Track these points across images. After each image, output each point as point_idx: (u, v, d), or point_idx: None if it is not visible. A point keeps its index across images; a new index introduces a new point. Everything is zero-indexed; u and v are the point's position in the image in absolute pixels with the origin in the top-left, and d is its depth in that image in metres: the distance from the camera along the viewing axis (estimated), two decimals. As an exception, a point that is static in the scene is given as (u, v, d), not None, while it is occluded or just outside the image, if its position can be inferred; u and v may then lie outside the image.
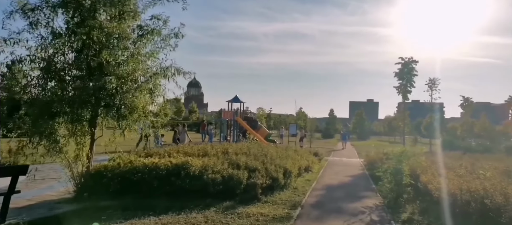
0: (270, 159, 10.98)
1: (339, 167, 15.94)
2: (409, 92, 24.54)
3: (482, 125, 52.44)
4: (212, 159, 9.17)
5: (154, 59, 8.62)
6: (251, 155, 11.24)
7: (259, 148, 13.50)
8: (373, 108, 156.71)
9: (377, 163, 15.01)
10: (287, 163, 11.19)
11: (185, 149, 11.60)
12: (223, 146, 12.94)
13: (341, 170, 14.60)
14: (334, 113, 68.89)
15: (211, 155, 10.64)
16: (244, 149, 12.37)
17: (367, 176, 13.07)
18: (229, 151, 11.71)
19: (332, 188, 10.34)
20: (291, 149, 16.98)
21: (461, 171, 9.06)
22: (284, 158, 12.20)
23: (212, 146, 12.69)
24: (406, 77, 24.49)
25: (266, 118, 66.80)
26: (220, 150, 11.91)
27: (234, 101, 30.11)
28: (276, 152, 13.19)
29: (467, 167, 9.78)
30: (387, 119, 66.37)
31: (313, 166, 14.49)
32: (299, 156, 13.91)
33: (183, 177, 7.59)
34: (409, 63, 24.46)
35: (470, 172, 9.04)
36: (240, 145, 14.14)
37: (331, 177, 12.53)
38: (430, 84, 28.26)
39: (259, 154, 11.63)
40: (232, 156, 9.98)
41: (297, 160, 12.92)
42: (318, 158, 17.50)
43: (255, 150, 12.48)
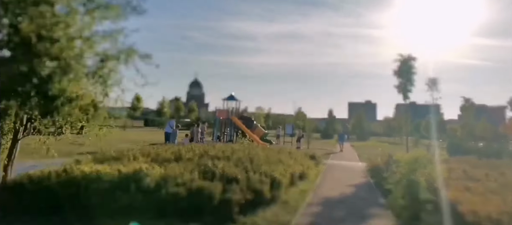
0: (256, 164, 8.95)
1: (339, 172, 13.87)
2: (410, 91, 22.38)
3: (482, 127, 50.29)
4: (181, 166, 7.13)
5: (105, 40, 6.54)
6: (233, 159, 9.22)
7: (246, 150, 11.46)
8: (372, 110, 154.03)
9: (382, 168, 12.98)
10: (277, 169, 9.15)
11: (157, 151, 9.58)
12: (205, 147, 10.91)
13: (341, 177, 12.53)
14: (333, 114, 66.81)
15: (185, 159, 8.62)
16: (228, 152, 10.34)
17: (372, 186, 10.98)
18: (209, 154, 9.71)
19: (331, 203, 8.27)
20: (285, 150, 14.94)
21: (491, 184, 7.01)
22: (275, 163, 10.16)
23: (191, 147, 10.65)
24: (405, 76, 22.36)
25: (265, 117, 64.93)
26: (199, 152, 9.91)
27: (229, 100, 28.09)
28: (266, 155, 11.15)
29: (497, 178, 7.70)
30: (386, 120, 64.18)
31: (309, 171, 12.43)
32: (292, 160, 11.86)
33: (133, 192, 5.55)
34: (408, 61, 22.33)
35: (503, 185, 6.97)
36: (226, 147, 12.10)
37: (330, 186, 10.46)
38: (430, 84, 26.12)
39: (244, 158, 9.61)
40: (208, 161, 7.94)
41: (290, 165, 10.86)
42: (315, 162, 15.44)
43: (240, 153, 10.44)
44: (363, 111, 60.19)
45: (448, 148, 21.31)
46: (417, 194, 6.93)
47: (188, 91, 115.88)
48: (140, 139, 27.88)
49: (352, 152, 26.70)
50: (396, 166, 8.07)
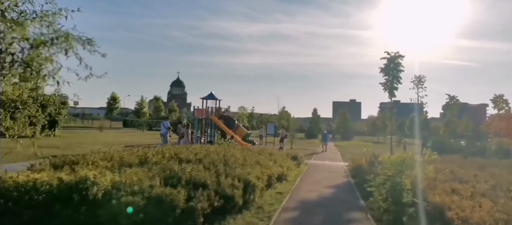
0: (231, 167, 8.32)
1: (320, 173, 13.38)
2: (396, 89, 22.15)
3: (465, 125, 51.13)
4: (143, 171, 6.42)
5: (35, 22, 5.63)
6: (206, 162, 8.56)
7: (223, 152, 10.80)
8: (356, 109, 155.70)
9: (364, 168, 12.57)
10: (253, 172, 8.55)
11: (122, 155, 8.81)
12: (176, 150, 10.18)
13: (322, 178, 12.03)
14: (317, 113, 66.70)
15: (151, 163, 7.90)
16: (201, 154, 9.66)
17: (353, 187, 10.52)
18: (180, 157, 9.01)
19: (309, 206, 7.71)
20: (266, 151, 14.37)
21: (481, 186, 6.58)
22: (252, 165, 9.55)
23: (161, 150, 9.91)
24: (392, 73, 22.11)
25: (248, 117, 64.28)
26: (169, 155, 9.20)
27: (209, 99, 27.28)
28: (244, 157, 10.53)
29: (486, 179, 7.29)
30: (371, 119, 64.54)
31: (290, 173, 11.90)
32: (272, 162, 11.28)
33: (76, 204, 4.81)
34: (395, 58, 22.08)
35: (493, 187, 6.56)
36: (201, 148, 11.40)
37: (309, 188, 9.91)
38: (416, 82, 26.09)
39: (218, 161, 8.96)
40: (175, 165, 7.25)
41: (268, 167, 10.28)
42: (296, 163, 14.93)
43: (215, 155, 9.78)
44: (347, 110, 60.30)
45: (432, 147, 21.16)
46: (400, 197, 6.44)
47: (170, 90, 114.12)
48: (116, 141, 26.80)
49: (335, 151, 26.38)
50: (381, 168, 7.55)
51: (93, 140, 26.77)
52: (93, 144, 23.17)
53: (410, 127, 53.92)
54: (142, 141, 27.92)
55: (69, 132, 39.75)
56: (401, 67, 21.93)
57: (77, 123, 70.40)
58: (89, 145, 22.29)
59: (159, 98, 66.14)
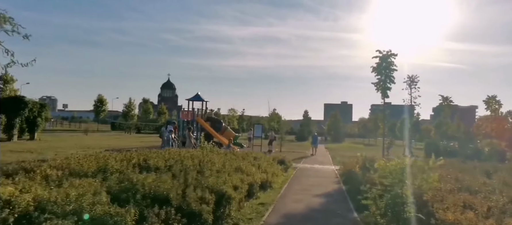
0: (205, 176, 7.14)
1: (309, 179, 12.25)
2: (389, 89, 21.18)
3: (456, 127, 50.60)
4: (86, 185, 5.20)
5: None
6: (176, 170, 7.37)
7: (200, 157, 9.60)
8: (347, 111, 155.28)
9: (356, 173, 11.50)
10: (230, 180, 7.38)
11: (82, 162, 7.55)
12: (146, 155, 8.96)
13: (311, 185, 10.90)
14: (308, 114, 65.76)
15: (110, 171, 6.69)
16: (173, 160, 8.46)
17: (345, 195, 9.41)
18: (147, 163, 7.81)
19: (295, 221, 6.56)
20: (251, 155, 13.21)
21: (497, 199, 5.50)
22: (230, 172, 8.39)
23: (129, 156, 8.67)
24: (384, 72, 21.15)
25: (238, 119, 63.03)
26: (137, 161, 7.99)
27: (195, 100, 26.05)
28: (223, 163, 9.36)
29: (500, 189, 6.21)
30: (361, 121, 63.82)
31: (275, 179, 10.74)
32: (255, 168, 10.11)
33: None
34: (387, 57, 21.13)
35: (508, 197, 5.48)
36: (177, 153, 10.17)
37: (296, 197, 8.76)
38: (409, 82, 25.21)
39: (191, 168, 7.78)
40: (133, 175, 6.03)
41: (251, 173, 9.11)
42: (284, 167, 13.80)
43: (189, 161, 8.58)
44: (338, 112, 59.44)
45: (425, 149, 20.22)
46: (402, 211, 5.34)
47: (160, 93, 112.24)
48: (98, 144, 25.36)
49: (325, 154, 25.31)
50: (378, 176, 6.41)
51: (73, 144, 25.28)
52: (72, 148, 21.73)
53: (401, 129, 53.30)
54: (127, 144, 26.53)
55: (52, 135, 38.08)
56: (394, 66, 21.00)
57: (65, 126, 68.45)
58: (67, 149, 20.87)
59: (148, 101, 64.52)
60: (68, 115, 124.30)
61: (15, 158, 13.59)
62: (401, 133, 51.89)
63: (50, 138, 32.55)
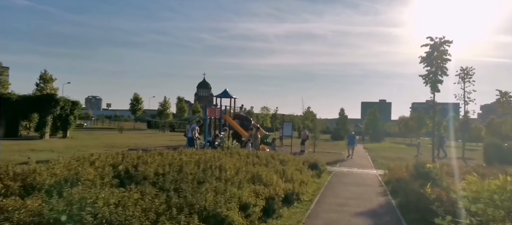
0: (201, 191, 5.20)
1: (347, 188, 9.95)
2: (440, 82, 18.14)
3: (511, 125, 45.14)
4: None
5: None
6: (166, 182, 5.51)
7: (211, 161, 7.70)
8: (386, 109, 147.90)
9: (405, 180, 9.11)
10: (241, 195, 5.41)
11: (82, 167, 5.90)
12: (148, 158, 7.17)
13: (350, 196, 8.63)
14: (344, 113, 62.14)
15: (84, 179, 4.96)
16: (173, 166, 6.62)
17: (397, 214, 7.06)
18: (136, 172, 6.02)
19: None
20: (277, 158, 11.15)
21: None
22: (244, 182, 6.40)
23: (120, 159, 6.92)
24: (435, 63, 18.12)
25: (272, 118, 60.83)
26: (131, 163, 6.26)
27: (222, 97, 24.33)
28: (238, 168, 7.40)
29: None
30: (403, 119, 59.24)
31: (305, 188, 8.58)
32: (277, 175, 8.03)
33: None
34: (440, 45, 18.08)
35: None
36: (180, 155, 8.34)
37: (330, 217, 6.57)
38: (462, 75, 21.85)
39: (189, 178, 5.90)
40: (101, 192, 4.20)
41: (271, 183, 7.06)
42: (316, 172, 11.57)
43: (191, 167, 6.69)
44: (377, 109, 55.47)
45: (485, 152, 17.01)
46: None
47: (196, 92, 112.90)
48: (125, 143, 24.42)
49: (365, 155, 22.58)
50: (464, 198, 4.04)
51: (101, 142, 24.53)
52: (97, 147, 20.86)
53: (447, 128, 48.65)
54: (156, 142, 25.43)
55: (89, 133, 38.26)
56: (448, 55, 17.94)
57: (105, 124, 69.91)
58: (92, 148, 19.96)
59: (183, 99, 64.25)
60: (111, 113, 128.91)
61: (36, 157, 12.45)
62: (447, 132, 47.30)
63: (84, 136, 32.41)
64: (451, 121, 41.58)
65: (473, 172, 9.45)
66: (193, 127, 15.72)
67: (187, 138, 15.64)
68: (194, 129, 15.40)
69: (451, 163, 13.75)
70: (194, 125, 16.47)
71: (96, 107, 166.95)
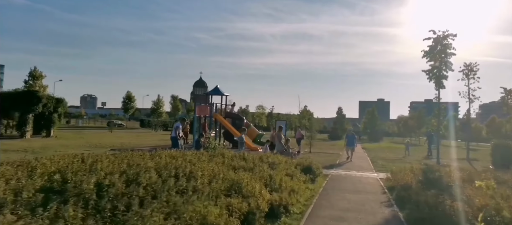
0: (152, 207, 3.89)
1: (345, 195, 8.66)
2: (445, 78, 16.91)
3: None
4: None
5: None
6: (112, 191, 4.19)
7: (182, 166, 6.37)
8: (384, 108, 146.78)
9: (411, 186, 7.89)
10: (208, 212, 4.10)
11: None
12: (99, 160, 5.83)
13: (349, 207, 7.34)
14: (342, 112, 60.81)
15: None
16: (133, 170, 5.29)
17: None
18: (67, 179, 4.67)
19: None
20: (268, 160, 9.86)
21: None
22: (219, 192, 5.12)
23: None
24: (439, 57, 16.89)
25: (267, 116, 59.48)
26: (79, 168, 4.93)
27: (213, 94, 23.00)
28: (214, 175, 6.10)
29: None
30: (402, 119, 58.04)
31: (297, 197, 7.27)
32: (261, 182, 6.73)
33: None
34: (443, 38, 16.85)
35: None
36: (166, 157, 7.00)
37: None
38: (466, 71, 20.56)
39: (134, 191, 4.59)
40: None
41: (251, 194, 5.76)
42: (311, 176, 10.27)
43: (149, 174, 5.37)
44: (375, 108, 54.22)
45: (493, 153, 15.73)
46: None
47: (192, 91, 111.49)
48: (110, 142, 23.06)
49: (363, 156, 21.32)
50: None
51: (85, 142, 23.14)
52: (79, 147, 19.49)
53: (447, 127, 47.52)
54: (143, 142, 24.07)
55: (76, 132, 36.80)
56: (452, 49, 16.71)
57: (97, 123, 68.35)
58: (73, 148, 18.59)
59: (177, 98, 62.83)
60: (106, 112, 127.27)
61: (6, 158, 11.05)
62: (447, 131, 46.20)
63: (70, 135, 30.96)
64: (451, 120, 40.45)
65: (489, 177, 8.19)
66: (176, 126, 14.36)
67: (171, 137, 14.29)
68: (178, 128, 14.04)
69: (463, 166, 12.50)
70: (177, 123, 15.10)
71: (91, 106, 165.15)
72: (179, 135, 14.05)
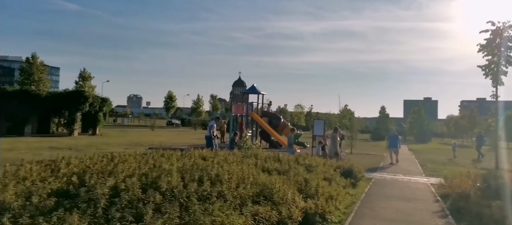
0: (168, 216, 3.40)
1: (391, 203, 7.75)
2: (504, 74, 15.07)
3: None
4: None
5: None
6: (124, 197, 3.77)
7: (211, 166, 5.95)
8: (432, 108, 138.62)
9: (469, 196, 6.83)
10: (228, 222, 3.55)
11: None
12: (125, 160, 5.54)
13: (396, 217, 6.47)
14: (385, 111, 57.90)
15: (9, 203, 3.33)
16: (135, 175, 4.94)
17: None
18: (84, 181, 4.38)
19: None
20: (303, 162, 9.21)
21: None
22: (246, 198, 4.58)
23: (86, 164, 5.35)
24: (499, 51, 15.08)
25: (306, 116, 58.08)
26: (101, 170, 4.65)
27: (250, 93, 22.60)
28: (242, 178, 5.58)
29: None
30: (451, 119, 54.01)
31: (336, 203, 6.55)
32: (295, 187, 6.08)
33: None
34: (504, 30, 15.02)
35: None
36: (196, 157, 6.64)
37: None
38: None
39: (150, 197, 4.14)
40: None
41: (284, 201, 5.15)
42: (352, 180, 9.43)
43: (171, 177, 4.96)
44: (422, 107, 50.95)
45: None
46: None
47: (232, 91, 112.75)
48: (150, 141, 23.49)
49: (410, 158, 19.80)
50: None
51: (126, 140, 23.78)
52: (120, 145, 19.99)
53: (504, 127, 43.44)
54: (181, 141, 24.30)
55: (120, 130, 38.27)
56: (514, 43, 14.83)
57: (141, 122, 71.03)
58: (114, 146, 19.10)
59: (215, 97, 63.58)
60: (151, 111, 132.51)
61: (50, 155, 11.66)
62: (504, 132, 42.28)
63: (115, 133, 32.14)
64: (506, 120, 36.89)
65: None
66: (211, 125, 14.06)
67: (206, 136, 14.03)
68: (212, 127, 13.73)
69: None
70: (212, 122, 14.80)
71: (136, 106, 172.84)
72: (213, 134, 13.74)
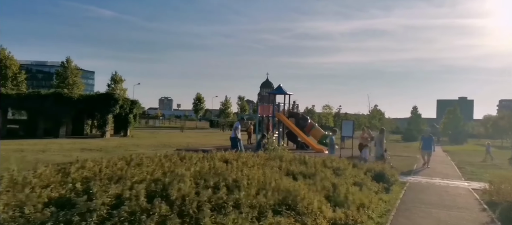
0: None
1: (430, 211, 6.91)
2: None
3: None
4: None
5: None
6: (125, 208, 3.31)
7: (227, 172, 5.45)
8: (467, 107, 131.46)
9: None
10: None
11: None
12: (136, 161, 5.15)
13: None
14: (417, 111, 55.12)
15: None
16: (147, 180, 4.49)
17: None
18: (90, 187, 3.99)
19: None
20: (330, 165, 8.53)
21: None
22: (267, 206, 4.01)
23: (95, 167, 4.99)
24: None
25: (334, 117, 56.49)
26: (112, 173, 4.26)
27: (276, 93, 22.00)
28: (264, 182, 5.04)
29: None
30: (489, 119, 50.58)
31: (368, 212, 5.85)
32: (322, 193, 5.46)
33: None
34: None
35: None
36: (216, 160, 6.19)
37: None
38: None
39: (156, 207, 3.65)
40: None
41: (310, 210, 4.55)
42: (384, 185, 8.62)
43: (184, 183, 4.48)
44: (457, 107, 48.06)
45: None
46: None
47: (259, 92, 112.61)
48: (177, 142, 23.48)
49: (446, 160, 18.42)
50: None
51: (156, 142, 23.90)
52: (149, 146, 20.05)
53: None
54: (209, 142, 24.11)
55: (150, 132, 38.87)
56: None
57: (172, 123, 72.24)
58: (143, 147, 19.17)
59: (243, 98, 63.47)
60: (181, 113, 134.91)
61: (80, 156, 11.67)
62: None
63: (145, 134, 32.59)
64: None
65: None
66: (235, 126, 13.63)
67: (230, 138, 13.62)
68: (237, 128, 13.29)
69: None
70: (236, 123, 14.35)
71: (167, 108, 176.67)
72: (237, 135, 13.30)
